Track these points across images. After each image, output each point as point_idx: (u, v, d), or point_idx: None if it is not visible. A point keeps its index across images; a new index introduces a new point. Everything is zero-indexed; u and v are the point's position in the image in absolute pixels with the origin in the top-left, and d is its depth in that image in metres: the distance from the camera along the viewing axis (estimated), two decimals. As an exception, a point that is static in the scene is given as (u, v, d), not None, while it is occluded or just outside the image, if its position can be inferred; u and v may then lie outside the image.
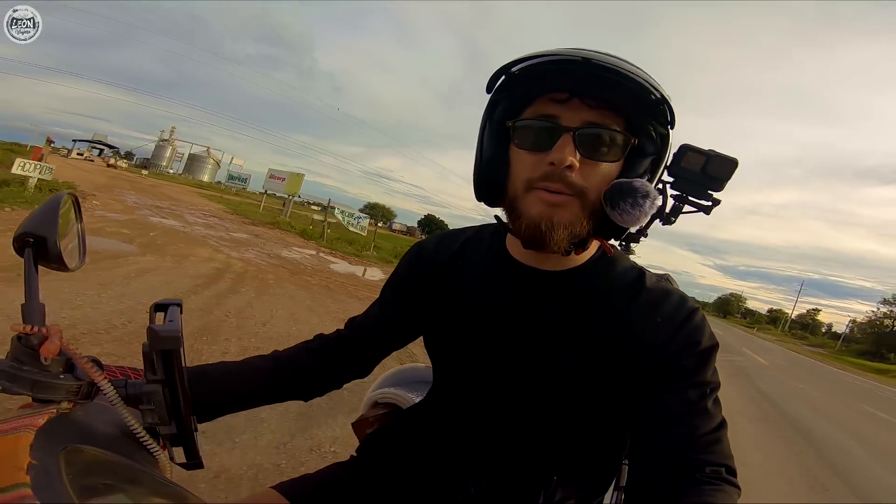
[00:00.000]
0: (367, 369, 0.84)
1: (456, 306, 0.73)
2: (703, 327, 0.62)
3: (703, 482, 0.53)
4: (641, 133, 0.59)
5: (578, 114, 0.57)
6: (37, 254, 0.51)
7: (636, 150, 0.59)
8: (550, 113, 0.58)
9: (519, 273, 0.69)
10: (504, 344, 0.68)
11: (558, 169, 0.56)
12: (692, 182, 0.70)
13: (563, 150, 0.56)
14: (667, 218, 0.72)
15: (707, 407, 0.58)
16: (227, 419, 0.71)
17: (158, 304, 0.57)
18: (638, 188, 0.56)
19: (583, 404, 0.66)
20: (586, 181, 0.57)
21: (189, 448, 0.54)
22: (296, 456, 2.30)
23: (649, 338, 0.61)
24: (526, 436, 0.70)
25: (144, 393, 0.51)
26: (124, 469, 0.44)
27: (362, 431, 0.99)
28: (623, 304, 0.64)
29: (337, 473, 0.79)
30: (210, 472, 1.94)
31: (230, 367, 0.72)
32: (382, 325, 0.82)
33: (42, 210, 0.53)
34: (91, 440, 0.44)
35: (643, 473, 0.58)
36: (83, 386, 0.47)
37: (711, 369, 0.61)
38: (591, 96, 0.56)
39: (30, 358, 0.45)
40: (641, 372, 0.61)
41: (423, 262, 0.80)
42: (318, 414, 2.75)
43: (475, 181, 0.66)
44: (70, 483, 0.35)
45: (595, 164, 0.57)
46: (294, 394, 0.77)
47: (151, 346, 0.49)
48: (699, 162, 0.69)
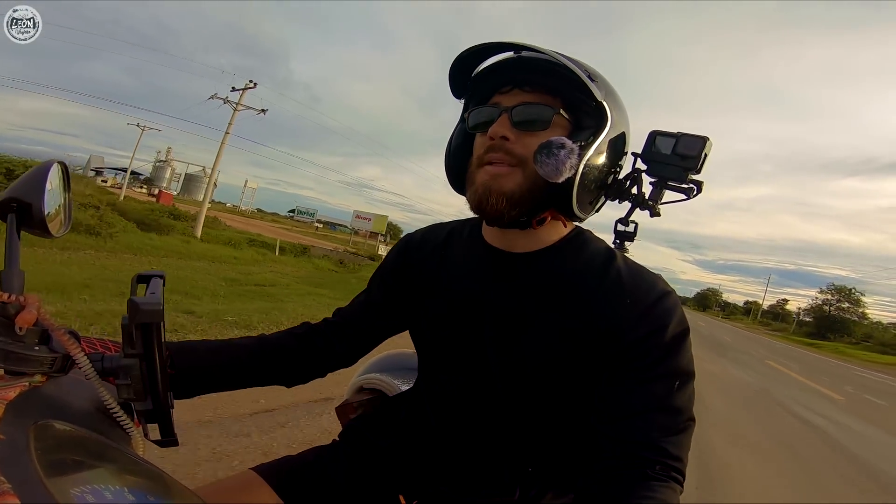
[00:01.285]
0: (353, 358, 0.84)
1: (437, 294, 0.75)
2: (673, 311, 0.62)
3: (650, 477, 0.55)
4: (577, 110, 0.64)
5: (517, 98, 0.65)
6: (20, 220, 0.50)
7: (575, 123, 0.65)
8: (495, 101, 0.67)
9: (492, 257, 0.71)
10: (479, 328, 0.70)
11: (497, 141, 0.63)
12: (665, 164, 0.72)
13: (498, 124, 0.64)
14: (646, 204, 0.74)
15: (672, 403, 0.58)
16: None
17: (141, 276, 0.56)
18: (553, 141, 0.60)
19: (556, 388, 0.66)
20: (526, 151, 0.62)
21: (164, 425, 0.54)
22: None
23: (617, 320, 0.61)
24: (504, 425, 0.70)
25: (121, 367, 0.49)
26: (96, 445, 0.44)
27: (346, 416, 0.99)
28: (593, 285, 0.64)
29: (317, 457, 0.80)
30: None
31: (214, 344, 0.72)
32: (369, 312, 0.82)
33: (29, 176, 0.52)
34: (63, 415, 0.43)
35: (597, 465, 0.59)
36: (58, 359, 0.46)
37: (684, 357, 0.61)
38: (528, 83, 0.65)
39: (4, 328, 0.44)
40: (609, 356, 0.61)
41: (410, 252, 0.81)
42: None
43: (446, 167, 0.74)
44: (38, 459, 0.35)
45: (532, 135, 0.63)
46: (277, 378, 0.77)
47: (131, 319, 0.47)
48: (669, 144, 0.72)
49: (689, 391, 0.60)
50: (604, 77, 0.66)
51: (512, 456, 0.72)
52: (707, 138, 0.70)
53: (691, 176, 0.71)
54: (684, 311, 0.63)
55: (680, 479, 0.56)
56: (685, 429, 0.58)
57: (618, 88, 0.67)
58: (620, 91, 0.67)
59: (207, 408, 2.65)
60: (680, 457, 0.57)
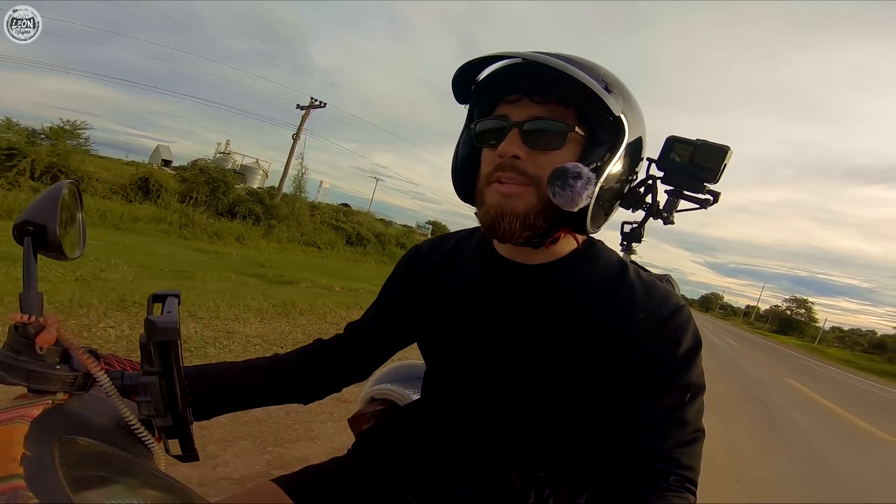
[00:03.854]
0: (366, 372, 0.84)
1: (446, 304, 0.75)
2: (687, 325, 0.61)
3: (663, 489, 0.54)
4: (593, 122, 0.61)
5: (527, 110, 0.61)
6: (36, 242, 0.51)
7: (591, 138, 0.61)
8: (504, 113, 0.63)
9: (503, 268, 0.70)
10: (488, 339, 0.69)
11: (507, 160, 0.60)
12: (682, 174, 0.69)
13: (509, 142, 0.60)
14: (660, 214, 0.71)
15: (684, 415, 0.58)
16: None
17: (157, 295, 0.57)
18: (569, 169, 0.57)
19: (566, 399, 0.66)
20: (540, 171, 0.60)
21: (185, 440, 0.54)
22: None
23: (630, 333, 0.61)
24: (514, 432, 0.70)
25: (140, 384, 0.50)
26: (119, 461, 0.44)
27: (359, 427, 0.99)
28: (605, 297, 0.64)
29: (334, 468, 0.80)
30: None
31: (230, 366, 0.72)
32: (380, 326, 0.82)
33: (42, 198, 0.53)
34: (86, 431, 0.44)
35: (609, 476, 0.58)
36: (79, 377, 0.47)
37: (696, 371, 0.60)
38: (538, 93, 0.60)
39: (26, 348, 0.45)
40: (621, 369, 0.61)
41: (418, 263, 0.81)
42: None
43: (453, 179, 0.71)
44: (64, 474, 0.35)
45: (545, 153, 0.60)
46: (293, 396, 0.77)
47: (149, 338, 0.48)
48: (687, 152, 0.68)
49: (700, 404, 0.60)
50: (618, 79, 0.63)
51: (523, 461, 0.71)
52: (728, 148, 0.66)
53: (709, 187, 0.68)
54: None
55: (693, 490, 0.56)
56: (695, 440, 0.58)
57: (639, 87, 0.63)
58: (642, 90, 0.64)
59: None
60: (692, 466, 0.57)
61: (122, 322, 3.25)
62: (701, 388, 0.60)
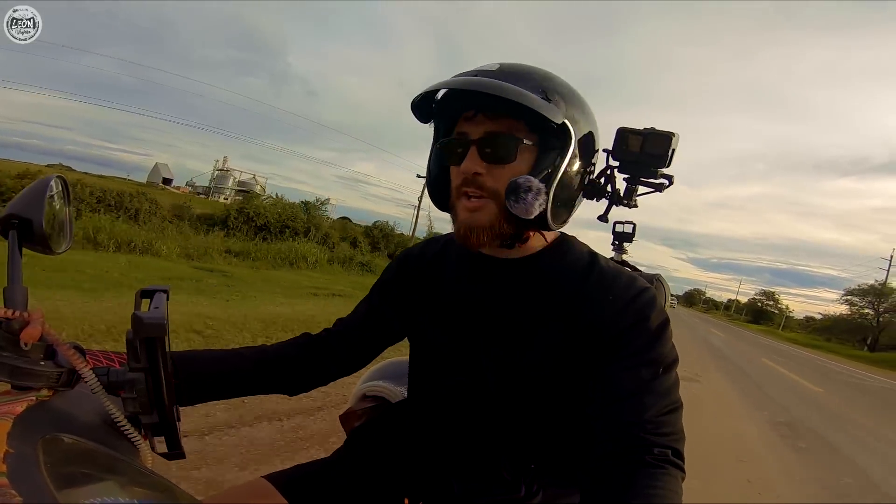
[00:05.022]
0: (354, 367, 0.84)
1: (434, 301, 0.77)
2: (652, 304, 0.65)
3: (650, 464, 0.55)
4: (541, 130, 0.64)
5: (482, 126, 0.65)
6: (21, 236, 0.50)
7: (542, 145, 0.65)
8: (463, 130, 0.67)
9: (482, 263, 0.73)
10: (475, 332, 0.72)
11: (469, 176, 0.64)
12: (636, 162, 0.74)
13: (469, 160, 0.64)
14: (621, 201, 0.76)
15: (659, 386, 0.60)
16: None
17: (145, 291, 0.55)
18: (521, 184, 0.62)
19: (550, 389, 0.68)
20: (498, 183, 0.64)
21: (171, 438, 0.54)
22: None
23: (602, 315, 0.64)
24: (502, 424, 0.71)
25: (127, 381, 0.50)
26: (104, 458, 0.44)
27: (350, 424, 0.98)
28: (577, 286, 0.67)
29: (325, 465, 0.80)
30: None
31: (217, 353, 0.73)
32: (370, 321, 0.83)
33: (29, 192, 0.52)
34: (71, 428, 0.43)
35: (594, 451, 0.60)
36: (64, 373, 0.46)
37: (666, 345, 0.63)
38: (490, 109, 0.64)
39: (9, 343, 0.44)
40: (597, 350, 0.64)
41: (410, 263, 0.83)
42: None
43: (429, 194, 0.76)
44: (48, 472, 0.35)
45: (501, 167, 0.64)
46: (279, 386, 0.77)
47: (135, 334, 0.47)
48: (637, 142, 0.74)
49: (674, 377, 0.63)
50: (560, 82, 0.66)
51: (512, 453, 0.73)
52: (673, 134, 0.72)
53: (661, 171, 0.74)
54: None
55: (680, 465, 0.57)
56: (674, 410, 0.60)
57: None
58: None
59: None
60: (674, 435, 0.58)
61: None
62: (673, 361, 0.63)
